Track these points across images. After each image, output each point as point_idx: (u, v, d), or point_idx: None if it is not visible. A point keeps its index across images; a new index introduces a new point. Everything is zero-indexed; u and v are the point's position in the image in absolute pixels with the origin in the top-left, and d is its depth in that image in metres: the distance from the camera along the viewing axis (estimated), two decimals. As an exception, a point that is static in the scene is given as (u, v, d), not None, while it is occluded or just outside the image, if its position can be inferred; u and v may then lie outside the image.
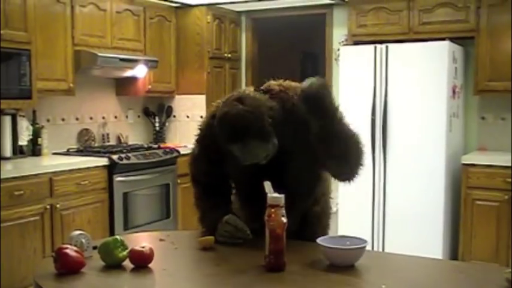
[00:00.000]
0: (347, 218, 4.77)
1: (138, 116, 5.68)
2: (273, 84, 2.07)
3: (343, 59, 4.96)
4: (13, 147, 4.23)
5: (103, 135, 5.21)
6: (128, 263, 1.79)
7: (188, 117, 5.69)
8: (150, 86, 5.31)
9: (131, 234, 2.77)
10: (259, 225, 1.80)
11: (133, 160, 4.59)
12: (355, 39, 5.13)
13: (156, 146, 5.21)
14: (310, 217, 2.18)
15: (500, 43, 4.59)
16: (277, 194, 1.75)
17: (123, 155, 4.52)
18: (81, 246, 1.84)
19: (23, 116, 4.34)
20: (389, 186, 4.72)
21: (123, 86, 5.35)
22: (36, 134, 4.45)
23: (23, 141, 4.32)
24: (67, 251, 1.73)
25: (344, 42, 5.32)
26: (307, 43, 7.74)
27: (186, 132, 5.66)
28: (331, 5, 5.53)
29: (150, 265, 1.79)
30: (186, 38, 5.58)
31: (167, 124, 5.78)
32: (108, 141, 5.22)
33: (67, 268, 1.72)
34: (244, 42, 6.09)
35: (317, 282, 1.68)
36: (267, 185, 1.81)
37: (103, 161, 4.39)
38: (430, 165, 4.54)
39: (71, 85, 4.47)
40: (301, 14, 5.81)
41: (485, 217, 4.44)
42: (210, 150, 2.10)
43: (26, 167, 3.94)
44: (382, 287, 1.62)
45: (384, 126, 4.70)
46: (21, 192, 3.74)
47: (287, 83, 2.08)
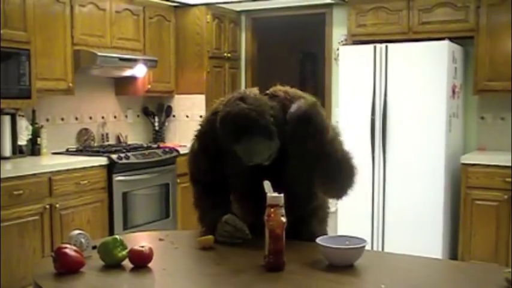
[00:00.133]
0: (346, 217, 4.77)
1: (138, 116, 5.68)
2: (278, 90, 2.05)
3: (343, 58, 4.96)
4: (12, 147, 4.23)
5: (102, 135, 5.21)
6: (128, 263, 1.79)
7: (188, 116, 5.69)
8: (149, 86, 5.31)
9: (130, 233, 2.77)
10: (255, 220, 1.79)
11: (133, 160, 4.58)
12: (355, 39, 5.14)
13: (155, 145, 5.21)
14: (309, 219, 2.16)
15: (499, 43, 4.59)
16: (276, 194, 1.75)
17: (123, 155, 4.52)
18: (80, 245, 1.84)
19: (23, 116, 4.34)
20: (389, 186, 4.72)
21: (123, 86, 5.35)
22: (35, 134, 4.45)
23: (23, 140, 4.32)
24: (66, 250, 1.73)
25: (343, 42, 5.32)
26: (307, 43, 7.74)
27: (185, 131, 5.65)
28: (331, 4, 5.53)
29: (150, 265, 1.79)
30: (186, 37, 5.58)
31: (166, 124, 5.78)
32: (107, 141, 5.22)
33: (66, 268, 1.72)
34: (243, 41, 6.09)
35: (316, 282, 1.68)
36: (267, 184, 1.81)
37: (102, 160, 4.38)
38: (429, 165, 4.54)
39: (71, 85, 4.47)
40: (301, 14, 5.81)
41: (485, 217, 4.44)
42: (209, 146, 2.09)
43: (25, 166, 3.94)
44: (382, 286, 1.62)
45: (384, 126, 4.70)
46: (21, 191, 3.74)
47: (293, 91, 2.05)
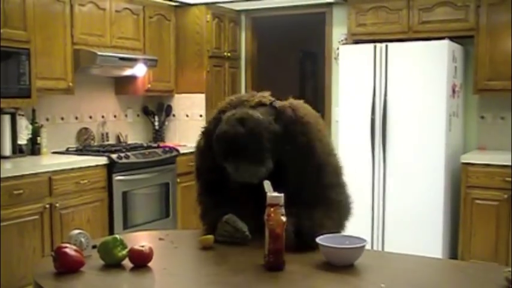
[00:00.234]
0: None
1: (138, 115, 5.68)
2: (287, 107, 2.03)
3: (343, 58, 4.95)
4: (12, 146, 4.23)
5: (102, 134, 5.21)
6: (128, 262, 1.79)
7: (187, 116, 5.69)
8: (149, 85, 5.30)
9: (130, 233, 2.77)
10: (258, 225, 1.80)
11: (133, 159, 4.58)
12: (355, 38, 5.13)
13: (155, 145, 5.20)
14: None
15: (499, 42, 4.59)
16: (276, 193, 1.75)
17: (123, 154, 4.52)
18: (80, 245, 1.84)
19: (22, 115, 4.34)
20: (389, 185, 4.72)
21: (123, 85, 5.35)
22: (35, 133, 4.45)
23: (22, 140, 4.32)
24: (66, 250, 1.73)
25: (343, 41, 5.32)
26: (307, 42, 7.74)
27: (185, 131, 5.66)
28: (331, 4, 5.53)
29: (150, 264, 1.79)
30: (186, 37, 5.58)
31: (166, 123, 5.77)
32: (107, 140, 5.22)
33: (66, 267, 1.72)
34: (243, 41, 6.08)
35: (316, 282, 1.68)
36: (267, 184, 1.81)
37: (102, 160, 4.38)
38: (429, 164, 4.54)
39: (70, 84, 4.47)
40: (301, 13, 5.81)
41: (485, 216, 4.44)
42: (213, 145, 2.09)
43: (25, 166, 3.94)
44: (382, 286, 1.62)
45: (384, 125, 4.70)
46: (21, 191, 3.74)
47: (302, 111, 2.03)
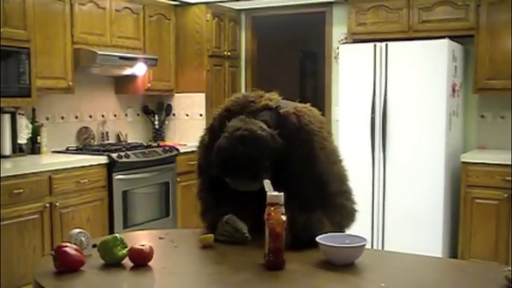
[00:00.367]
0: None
1: (138, 114, 5.68)
2: (292, 114, 2.01)
3: (343, 57, 4.96)
4: (12, 146, 4.23)
5: (102, 134, 5.21)
6: (128, 262, 1.79)
7: (187, 115, 5.69)
8: (149, 84, 5.30)
9: (131, 232, 2.77)
10: (258, 224, 1.80)
11: (133, 158, 4.58)
12: (355, 38, 5.13)
13: (155, 144, 5.21)
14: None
15: (499, 41, 4.59)
16: (276, 193, 1.75)
17: (123, 153, 4.52)
18: (80, 244, 1.84)
19: (23, 114, 4.34)
20: (389, 185, 4.72)
21: (123, 84, 5.35)
22: (35, 132, 4.45)
23: (23, 139, 4.32)
24: (66, 249, 1.73)
25: (344, 41, 5.32)
26: (307, 41, 7.73)
27: (185, 130, 5.66)
28: (331, 3, 5.53)
29: (150, 263, 1.78)
30: (186, 36, 5.58)
31: (166, 122, 5.77)
32: (107, 140, 5.22)
33: (66, 266, 1.72)
34: (243, 40, 6.08)
35: (316, 281, 1.68)
36: (267, 183, 1.81)
37: (102, 159, 4.38)
38: (429, 163, 4.54)
39: (70, 83, 4.47)
40: (301, 13, 5.81)
41: (485, 215, 4.44)
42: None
43: (26, 165, 3.94)
44: (382, 285, 1.62)
45: (384, 124, 4.70)
46: (21, 190, 3.74)
47: (306, 119, 2.01)
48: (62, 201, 4.02)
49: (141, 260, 1.78)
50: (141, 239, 2.05)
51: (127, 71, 5.05)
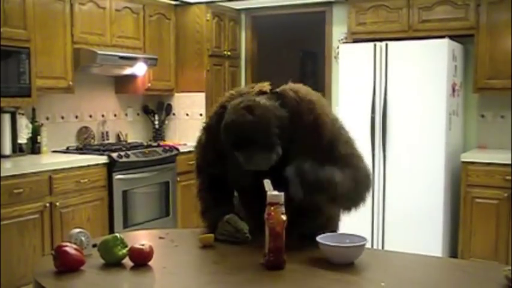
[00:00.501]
0: (346, 215, 4.76)
1: (138, 114, 5.68)
2: (288, 90, 2.03)
3: (343, 57, 4.95)
4: (12, 145, 4.23)
5: (102, 133, 5.21)
6: (128, 261, 1.79)
7: (188, 115, 5.69)
8: (149, 84, 5.30)
9: (131, 232, 2.77)
10: (258, 223, 1.80)
11: (133, 158, 4.58)
12: (355, 37, 5.13)
13: (155, 144, 5.21)
14: (318, 220, 2.15)
15: (499, 41, 4.59)
16: (276, 192, 1.75)
17: (123, 153, 4.52)
18: (80, 244, 1.85)
19: (23, 114, 4.34)
20: (389, 184, 4.72)
21: (123, 84, 5.35)
22: (35, 132, 4.45)
23: (23, 139, 4.32)
24: (67, 249, 1.73)
25: (343, 40, 5.32)
26: (307, 41, 7.73)
27: (185, 130, 5.66)
28: (331, 3, 5.53)
29: (150, 263, 1.79)
30: (186, 35, 5.58)
31: (166, 122, 5.77)
32: (107, 139, 5.22)
33: (66, 266, 1.72)
34: (243, 40, 6.08)
35: (316, 280, 1.68)
36: (267, 183, 1.81)
37: (102, 159, 4.38)
38: (429, 163, 4.54)
39: (71, 83, 4.47)
40: (301, 12, 5.81)
41: (485, 215, 4.44)
42: (216, 139, 2.08)
43: (26, 165, 3.94)
44: (382, 284, 1.62)
45: (384, 124, 4.70)
46: (21, 190, 3.74)
47: (304, 93, 2.04)
48: (62, 201, 4.02)
49: (141, 260, 1.78)
50: (141, 238, 2.05)
51: (127, 71, 5.05)
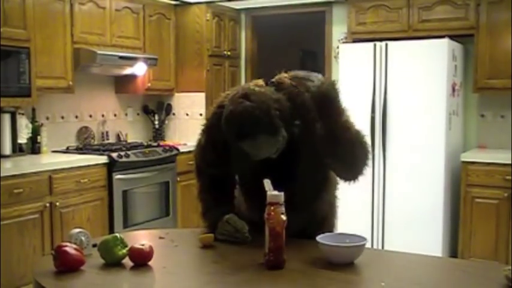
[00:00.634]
0: (346, 215, 4.73)
1: (138, 114, 5.68)
2: (283, 77, 2.04)
3: (343, 56, 4.95)
4: (12, 145, 4.23)
5: (102, 133, 5.21)
6: (128, 261, 1.79)
7: (188, 115, 5.69)
8: (149, 84, 5.30)
9: (131, 232, 2.77)
10: (260, 218, 1.79)
11: (133, 158, 4.58)
12: (355, 37, 5.13)
13: (155, 143, 5.21)
14: (317, 217, 2.17)
15: (499, 41, 4.59)
16: (276, 192, 1.75)
17: (123, 153, 4.52)
18: (80, 244, 1.84)
19: (22, 114, 4.34)
20: (389, 184, 4.72)
21: (123, 84, 5.35)
22: (35, 132, 4.45)
23: (23, 139, 4.32)
24: (66, 249, 1.73)
25: (343, 40, 5.32)
26: (307, 41, 7.73)
27: (185, 130, 5.66)
28: (331, 2, 5.53)
29: (150, 263, 1.79)
30: (186, 35, 5.58)
31: (166, 122, 5.77)
32: (107, 139, 5.22)
33: (66, 266, 1.72)
34: (243, 40, 6.08)
35: (317, 280, 1.68)
36: (267, 183, 1.81)
37: (102, 158, 4.38)
38: (429, 163, 4.54)
39: (70, 83, 4.47)
40: (301, 12, 5.81)
41: (485, 215, 4.44)
42: (216, 139, 2.08)
43: (26, 165, 3.94)
44: (382, 284, 1.62)
45: (384, 124, 4.70)
46: (21, 190, 3.74)
47: (298, 77, 2.04)
48: (62, 201, 4.02)
49: (141, 260, 1.78)
50: (141, 238, 2.05)
51: (127, 71, 5.05)
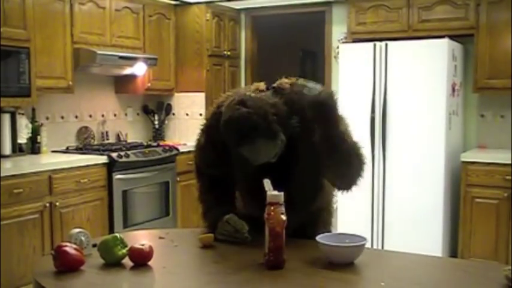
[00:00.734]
0: (346, 215, 4.76)
1: (138, 114, 5.68)
2: (285, 83, 2.04)
3: (343, 56, 4.96)
4: (12, 145, 4.23)
5: (102, 133, 5.21)
6: (128, 261, 1.79)
7: (187, 115, 5.69)
8: (149, 84, 5.30)
9: (130, 232, 2.77)
10: (260, 218, 1.79)
11: (133, 158, 4.58)
12: (355, 37, 5.13)
13: (155, 143, 5.20)
14: (313, 215, 2.17)
15: (499, 41, 4.59)
16: (276, 192, 1.75)
17: (123, 153, 4.52)
18: (80, 244, 1.84)
19: (22, 114, 4.34)
20: (389, 184, 4.72)
21: (122, 84, 5.35)
22: (35, 132, 4.45)
23: (22, 139, 4.32)
24: (66, 249, 1.73)
25: (343, 40, 5.32)
26: (307, 41, 7.73)
27: (185, 130, 5.66)
28: (331, 2, 5.53)
29: (150, 263, 1.79)
30: (185, 35, 5.58)
31: (166, 122, 5.77)
32: (107, 139, 5.22)
33: (66, 266, 1.72)
34: (243, 40, 6.08)
35: (316, 280, 1.68)
36: (267, 183, 1.81)
37: (102, 158, 4.38)
38: (429, 163, 4.54)
39: (70, 83, 4.47)
40: (301, 12, 5.81)
41: (485, 215, 4.44)
42: (215, 140, 2.07)
43: (25, 165, 3.94)
44: (382, 284, 1.62)
45: (384, 124, 4.70)
46: (21, 190, 3.74)
47: (300, 83, 2.04)
48: (62, 201, 4.02)
49: (141, 260, 1.78)
50: (141, 238, 2.05)
51: (127, 71, 5.05)
